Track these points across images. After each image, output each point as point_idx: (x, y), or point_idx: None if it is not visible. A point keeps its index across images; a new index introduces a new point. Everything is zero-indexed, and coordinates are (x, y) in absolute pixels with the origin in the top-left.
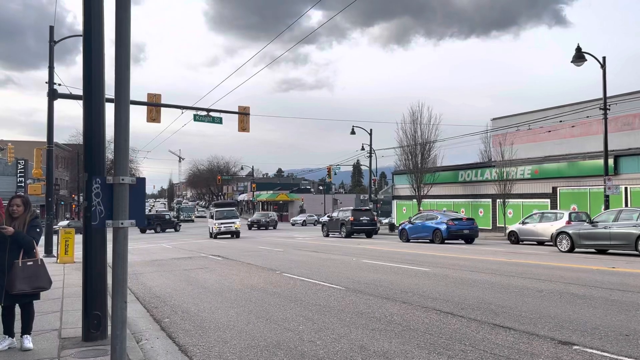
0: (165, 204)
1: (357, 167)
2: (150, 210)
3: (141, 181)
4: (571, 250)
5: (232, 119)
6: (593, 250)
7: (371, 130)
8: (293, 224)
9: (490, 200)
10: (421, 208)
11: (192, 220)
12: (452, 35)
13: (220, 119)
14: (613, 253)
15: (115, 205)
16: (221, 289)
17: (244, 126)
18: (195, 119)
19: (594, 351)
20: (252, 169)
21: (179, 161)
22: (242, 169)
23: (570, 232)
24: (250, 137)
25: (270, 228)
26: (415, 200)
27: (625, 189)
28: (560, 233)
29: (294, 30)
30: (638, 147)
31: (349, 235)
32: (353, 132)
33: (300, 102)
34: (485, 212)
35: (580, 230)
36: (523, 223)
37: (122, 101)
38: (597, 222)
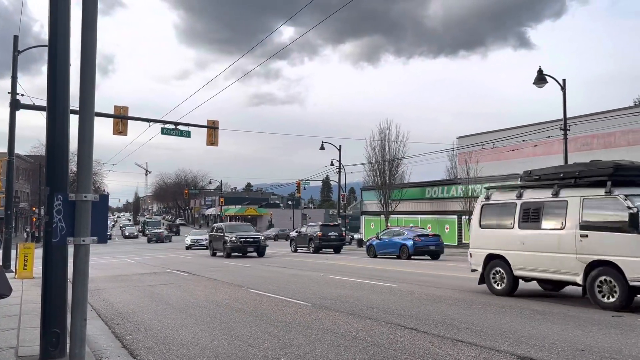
0: (130, 218)
1: (326, 182)
2: (114, 225)
3: (104, 198)
4: None
5: (201, 133)
6: None
7: (340, 146)
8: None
9: (456, 216)
10: (389, 224)
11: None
12: (421, 54)
13: (189, 132)
14: None
15: (77, 222)
16: (186, 305)
17: (212, 140)
18: (163, 132)
19: None
20: (221, 183)
21: (146, 174)
22: (210, 182)
23: None
24: (220, 151)
25: None
26: (383, 216)
27: None
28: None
29: (266, 45)
30: None
31: (317, 250)
32: (322, 148)
33: (271, 117)
34: (451, 228)
35: None
36: None
37: (87, 118)
38: None
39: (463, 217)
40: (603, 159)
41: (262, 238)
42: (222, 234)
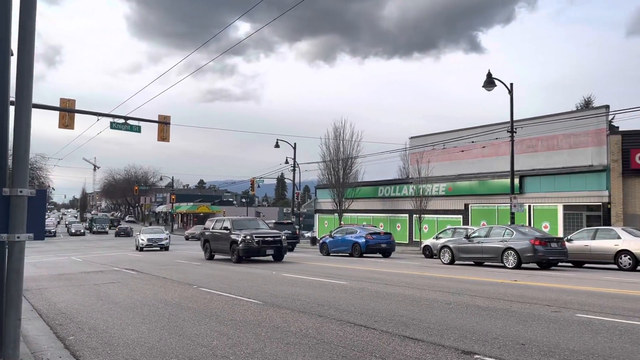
0: (77, 215)
1: (281, 180)
2: (59, 222)
3: (41, 193)
4: (452, 262)
5: (152, 128)
6: (471, 262)
7: (295, 144)
8: None
9: (407, 215)
10: (342, 222)
11: (106, 232)
12: (376, 54)
13: (139, 127)
14: (489, 265)
15: (11, 218)
16: (133, 305)
17: (164, 135)
18: (112, 127)
19: None
20: (172, 179)
21: (94, 170)
22: (161, 179)
23: (451, 246)
24: (172, 147)
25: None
26: (336, 214)
27: (529, 206)
28: (443, 247)
29: (221, 41)
30: (540, 169)
31: None
32: (277, 146)
33: (226, 113)
34: (403, 226)
35: (459, 244)
36: (437, 238)
37: (24, 109)
38: (472, 237)
39: (414, 215)
40: (546, 161)
41: (284, 237)
42: (226, 232)
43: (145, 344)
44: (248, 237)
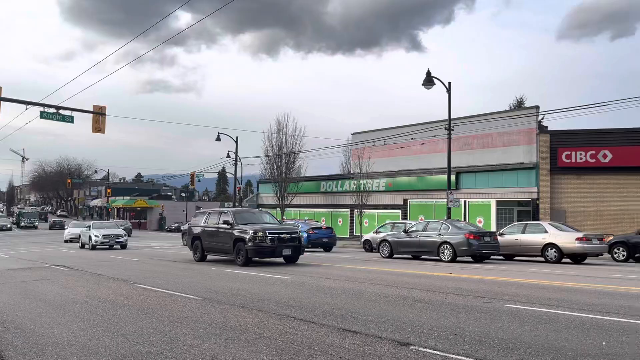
0: (3, 209)
1: (222, 174)
2: None
3: None
4: (390, 256)
5: (86, 119)
6: (409, 256)
7: (237, 137)
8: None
9: (348, 210)
10: (284, 217)
11: (36, 227)
12: (320, 49)
13: (72, 117)
14: (426, 258)
15: None
16: (63, 302)
17: (98, 127)
18: (42, 117)
19: (427, 350)
20: (108, 172)
21: (22, 161)
22: (96, 172)
23: (390, 240)
24: (108, 139)
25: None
26: (279, 209)
27: (465, 202)
28: (382, 241)
29: (161, 30)
30: (476, 165)
31: None
32: (219, 139)
33: (166, 105)
34: (344, 221)
35: (398, 238)
36: (376, 232)
37: None
38: (410, 231)
39: (355, 210)
40: (481, 158)
41: (301, 234)
42: (225, 227)
43: (76, 343)
44: (260, 234)
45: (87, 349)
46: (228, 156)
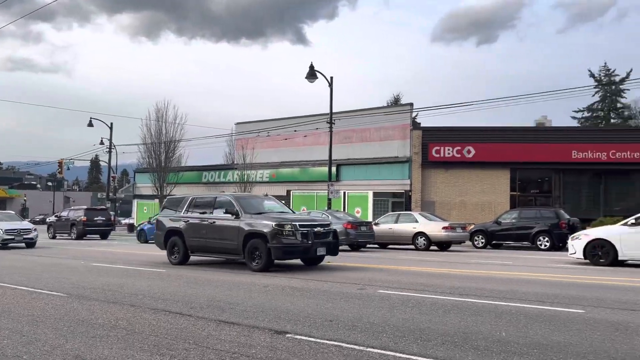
0: None
1: (95, 162)
2: None
3: None
4: None
5: None
6: None
7: (112, 124)
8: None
9: None
10: None
11: None
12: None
13: None
14: None
15: None
16: None
17: None
18: None
19: (303, 337)
20: None
21: None
22: None
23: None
24: None
25: None
26: (157, 199)
27: (344, 193)
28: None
29: (24, 2)
30: (355, 158)
31: (80, 236)
32: (91, 125)
33: (30, 86)
34: None
35: None
36: None
37: None
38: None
39: None
40: (360, 151)
41: (334, 229)
42: (227, 219)
43: None
44: (288, 227)
45: None
46: (102, 143)
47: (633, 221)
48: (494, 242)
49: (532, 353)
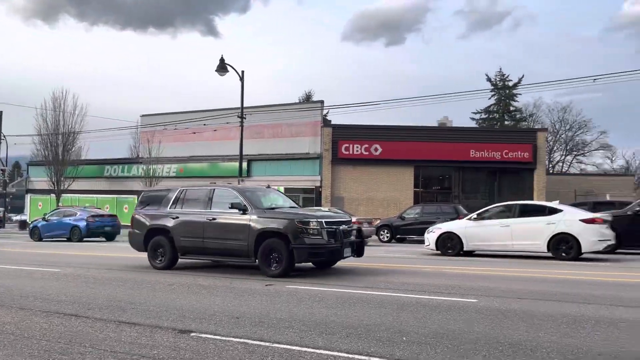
0: None
1: None
2: None
3: None
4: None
5: None
6: None
7: (1, 112)
8: None
9: (136, 196)
10: (61, 203)
11: None
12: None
13: None
14: None
15: None
16: None
17: None
18: None
19: (208, 335)
20: None
21: None
22: None
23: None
24: None
25: None
26: (54, 195)
27: None
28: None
29: None
30: (267, 154)
31: None
32: None
33: None
34: (130, 208)
35: None
36: None
37: None
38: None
39: None
40: (272, 147)
41: (358, 226)
42: (232, 215)
43: None
44: (314, 224)
45: None
46: None
47: (475, 216)
48: (398, 236)
49: (430, 342)
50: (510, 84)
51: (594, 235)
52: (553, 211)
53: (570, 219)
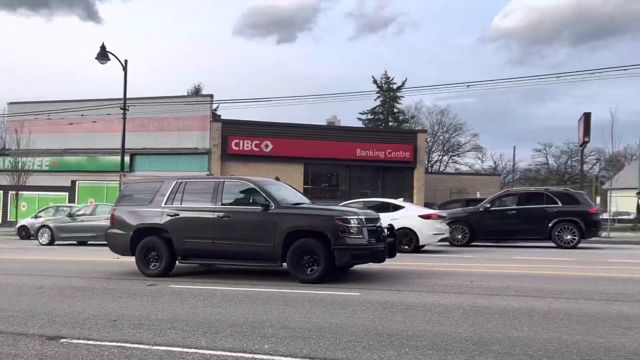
0: None
1: None
2: None
3: None
4: (52, 243)
5: None
6: (74, 242)
7: None
8: None
9: (1, 192)
10: None
11: None
12: None
13: None
14: (93, 244)
15: None
16: None
17: None
18: None
19: (80, 341)
20: None
21: None
22: None
23: (51, 225)
24: None
25: None
26: None
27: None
28: (42, 227)
29: None
30: (151, 148)
31: None
32: None
33: None
34: None
35: (61, 223)
36: (35, 217)
37: None
38: (77, 215)
39: (10, 192)
40: (157, 141)
41: (391, 224)
42: (257, 211)
43: None
44: (355, 223)
45: None
46: None
47: None
48: None
49: (313, 336)
50: (395, 86)
51: (430, 230)
52: (397, 208)
53: (410, 215)
